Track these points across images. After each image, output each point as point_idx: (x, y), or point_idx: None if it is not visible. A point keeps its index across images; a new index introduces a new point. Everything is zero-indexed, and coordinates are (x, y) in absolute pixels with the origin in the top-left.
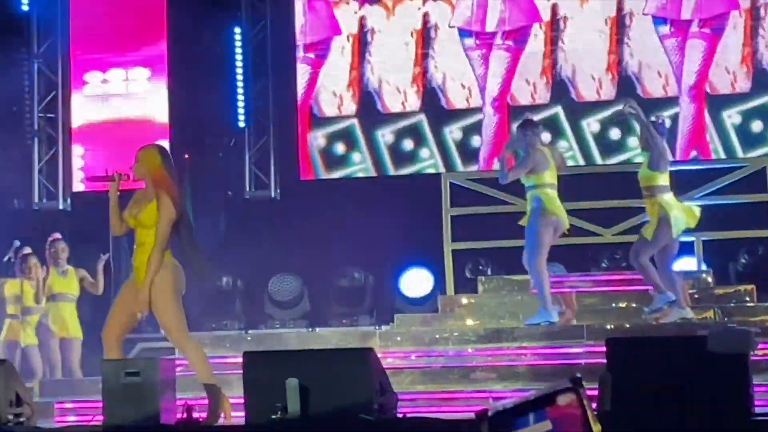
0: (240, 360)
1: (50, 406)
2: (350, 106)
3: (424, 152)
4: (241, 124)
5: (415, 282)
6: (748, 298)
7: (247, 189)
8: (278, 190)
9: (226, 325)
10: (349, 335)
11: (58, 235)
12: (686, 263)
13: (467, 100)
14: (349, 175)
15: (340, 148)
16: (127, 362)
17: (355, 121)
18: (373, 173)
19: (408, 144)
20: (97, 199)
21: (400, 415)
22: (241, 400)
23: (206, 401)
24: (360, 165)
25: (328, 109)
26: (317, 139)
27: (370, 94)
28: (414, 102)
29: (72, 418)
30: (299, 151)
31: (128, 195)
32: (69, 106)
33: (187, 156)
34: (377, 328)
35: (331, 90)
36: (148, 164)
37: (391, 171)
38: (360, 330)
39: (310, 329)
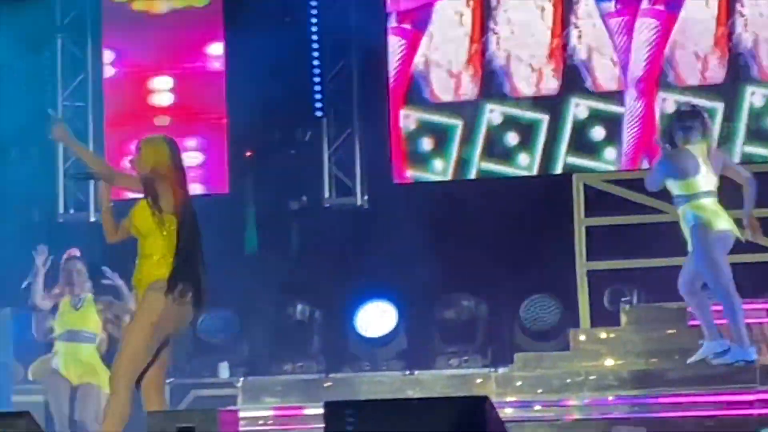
0: (320, 411)
1: None
2: (467, 89)
3: (549, 147)
4: (318, 114)
5: (539, 312)
6: None
7: (327, 195)
8: (365, 197)
9: (302, 368)
10: (457, 380)
11: (75, 252)
12: None
13: (614, 80)
14: (451, 177)
15: (439, 142)
16: (179, 414)
17: (464, 108)
18: (475, 175)
19: (524, 137)
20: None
21: None
22: None
23: None
24: (467, 164)
25: (433, 93)
26: (414, 131)
27: (494, 74)
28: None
29: None
30: (391, 148)
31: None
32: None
33: (248, 154)
34: (493, 370)
35: (439, 68)
36: (153, 158)
37: (507, 172)
38: (471, 373)
39: (408, 372)
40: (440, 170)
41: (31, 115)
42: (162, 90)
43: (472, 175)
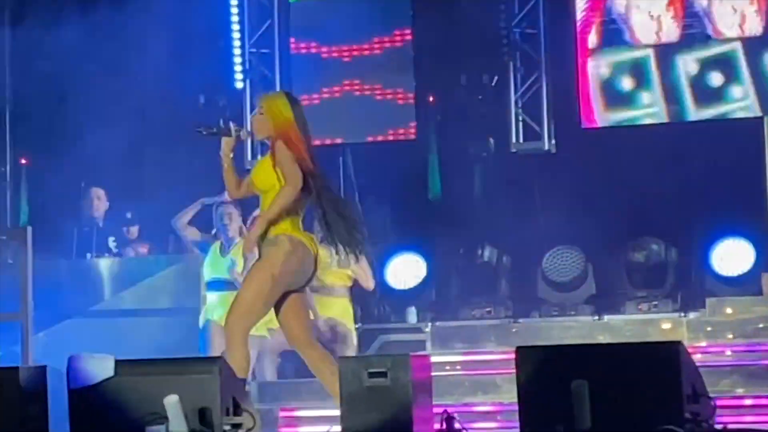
0: (509, 357)
1: (272, 413)
2: (667, 31)
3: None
4: (504, 58)
5: (730, 256)
6: None
7: (514, 140)
8: (553, 141)
9: (490, 313)
10: (647, 325)
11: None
12: None
13: None
14: (637, 119)
15: (626, 83)
16: (370, 360)
17: (650, 51)
18: (665, 119)
19: (716, 79)
20: (321, 155)
21: (719, 427)
22: (514, 407)
23: (471, 408)
24: (650, 107)
25: (632, 35)
26: (604, 74)
27: (695, 15)
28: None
29: (302, 428)
30: (579, 92)
31: None
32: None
33: (431, 99)
34: (683, 315)
35: (637, 10)
36: (274, 116)
37: (692, 115)
38: (661, 318)
39: (597, 317)
40: (629, 115)
41: (217, 63)
42: None
43: (663, 119)
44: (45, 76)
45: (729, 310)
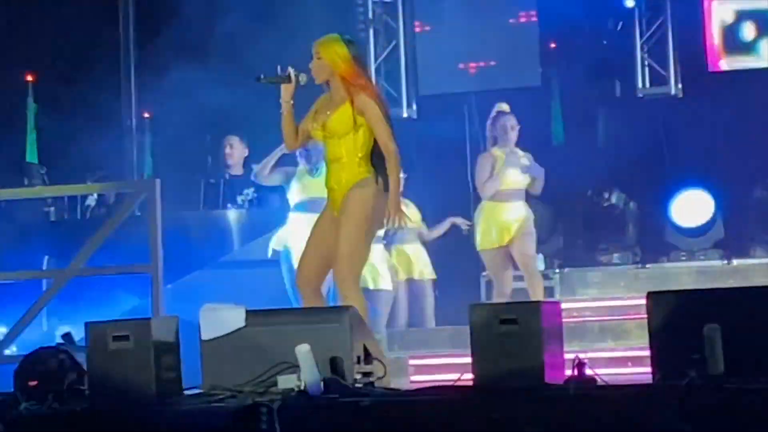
0: (639, 302)
1: (403, 362)
2: None
3: None
4: (629, 3)
5: None
6: None
7: (640, 85)
8: (680, 85)
9: (618, 258)
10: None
11: (505, 107)
12: None
13: None
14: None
15: (748, 32)
16: (500, 307)
17: None
18: None
19: None
20: (446, 106)
21: None
22: (645, 352)
23: (601, 354)
24: None
25: None
26: (731, 19)
27: None
28: None
29: (432, 376)
30: (705, 36)
31: None
32: None
33: (553, 45)
34: None
35: None
36: (333, 59)
37: None
38: None
39: (726, 262)
40: (757, 58)
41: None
42: None
43: None
44: (169, 27)
45: None
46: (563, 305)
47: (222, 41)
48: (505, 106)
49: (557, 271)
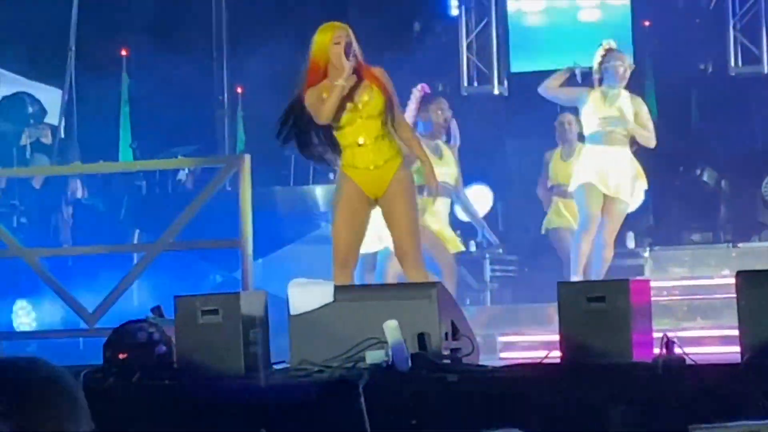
0: (729, 281)
1: (492, 338)
2: None
3: None
4: None
5: None
6: None
7: (732, 64)
8: None
9: (709, 237)
10: None
11: (613, 44)
12: None
13: None
14: None
15: None
16: (589, 285)
17: None
18: None
19: None
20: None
21: None
22: (734, 332)
23: (690, 332)
24: None
25: None
26: None
27: None
28: None
29: (521, 353)
30: None
31: None
32: None
33: (647, 23)
34: None
35: None
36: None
37: None
38: None
39: None
40: None
41: None
42: None
43: None
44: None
45: None
46: (652, 284)
47: (314, 15)
48: (613, 43)
49: (647, 249)
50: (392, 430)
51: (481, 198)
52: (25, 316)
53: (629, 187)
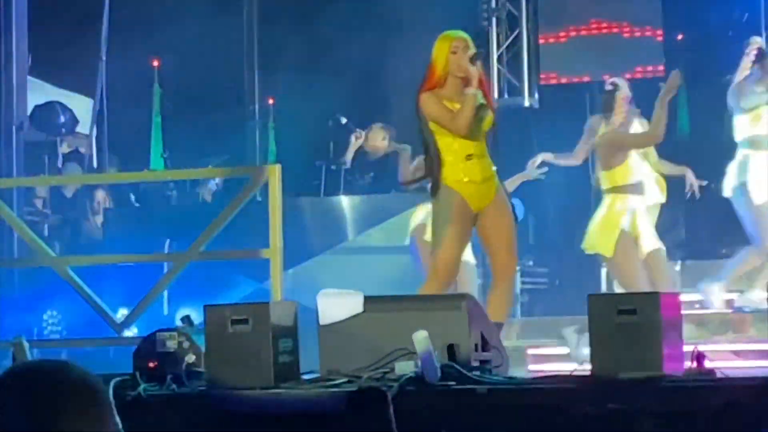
0: (764, 295)
1: (521, 350)
2: None
3: None
4: None
5: None
6: None
7: None
8: None
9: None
10: None
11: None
12: None
13: None
14: None
15: None
16: (619, 297)
17: None
18: None
19: None
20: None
21: None
22: (765, 345)
23: (719, 345)
24: None
25: None
26: None
27: None
28: None
29: (550, 365)
30: None
31: None
32: None
33: (680, 37)
34: None
35: None
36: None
37: None
38: None
39: None
40: None
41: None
42: None
43: None
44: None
45: None
46: (684, 297)
47: (342, 29)
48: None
49: (679, 262)
50: None
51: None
52: (55, 325)
53: None
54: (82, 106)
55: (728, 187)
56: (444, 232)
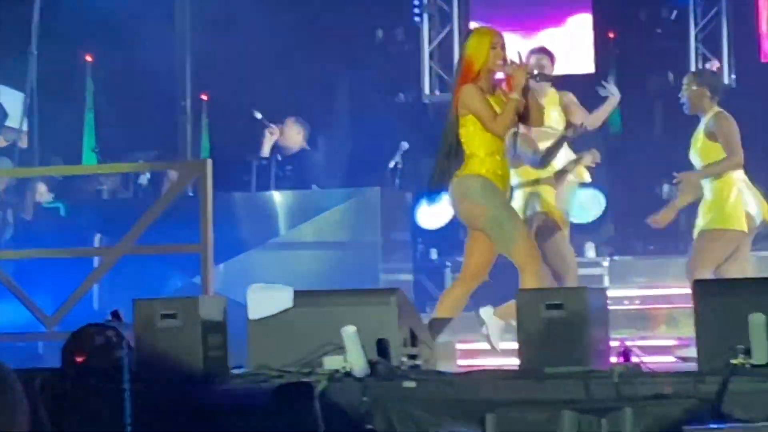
0: (687, 291)
1: (450, 346)
2: None
3: None
4: None
5: None
6: None
7: None
8: (733, 76)
9: (669, 248)
10: None
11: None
12: None
13: None
14: None
15: None
16: (547, 292)
17: None
18: None
19: None
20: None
21: None
22: (690, 341)
23: (645, 341)
24: None
25: None
26: None
27: None
28: None
29: (479, 360)
30: (759, 26)
31: None
32: None
33: (612, 36)
34: None
35: None
36: None
37: None
38: None
39: None
40: None
41: None
42: None
43: None
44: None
45: None
46: (612, 293)
47: (279, 23)
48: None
49: (607, 258)
50: None
51: (443, 206)
52: None
53: None
54: (12, 100)
55: None
56: (516, 225)
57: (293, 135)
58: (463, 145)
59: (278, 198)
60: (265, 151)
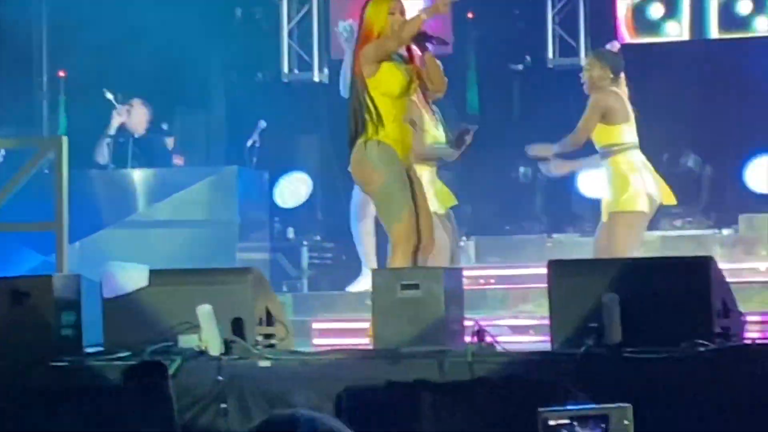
0: (542, 271)
1: (306, 325)
2: None
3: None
4: None
5: (764, 172)
6: None
7: (550, 56)
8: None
9: (524, 228)
10: (680, 241)
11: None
12: None
13: None
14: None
15: (655, 11)
16: (402, 272)
17: None
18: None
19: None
20: None
21: (747, 341)
22: (546, 321)
23: (500, 321)
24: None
25: None
26: None
27: None
28: None
29: (333, 340)
30: (615, 10)
31: None
32: None
33: (470, 16)
34: (717, 232)
35: None
36: None
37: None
38: (695, 234)
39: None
40: (668, 33)
41: None
42: None
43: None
44: None
45: (763, 227)
46: (469, 272)
47: (138, 1)
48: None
49: (464, 238)
50: (201, 414)
51: (300, 185)
52: None
53: None
54: None
55: None
56: (401, 198)
57: (139, 116)
58: (365, 111)
59: (135, 176)
60: (111, 130)
